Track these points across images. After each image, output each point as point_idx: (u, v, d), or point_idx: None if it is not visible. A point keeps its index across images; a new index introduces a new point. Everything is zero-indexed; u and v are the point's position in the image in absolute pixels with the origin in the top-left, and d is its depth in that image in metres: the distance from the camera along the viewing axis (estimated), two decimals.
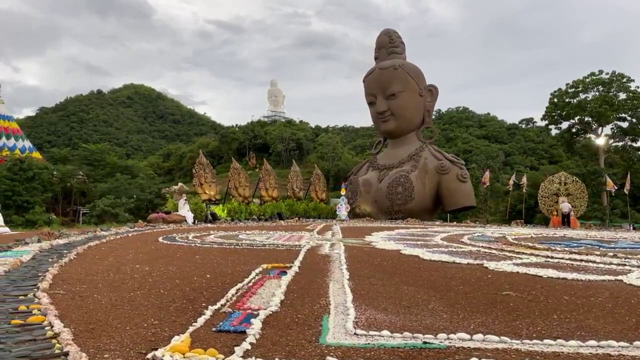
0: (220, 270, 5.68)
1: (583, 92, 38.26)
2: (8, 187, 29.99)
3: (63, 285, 4.54)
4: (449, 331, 3.11)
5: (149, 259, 6.60)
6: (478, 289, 4.78)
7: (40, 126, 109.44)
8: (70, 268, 5.70)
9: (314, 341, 2.87)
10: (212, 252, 7.48)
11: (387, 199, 24.06)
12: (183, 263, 6.25)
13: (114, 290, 4.40)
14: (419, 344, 2.80)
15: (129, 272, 5.45)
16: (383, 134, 27.97)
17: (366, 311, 3.67)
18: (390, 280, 5.27)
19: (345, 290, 4.47)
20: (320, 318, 3.44)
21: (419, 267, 6.34)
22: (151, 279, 5.03)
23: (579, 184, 25.43)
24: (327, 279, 5.16)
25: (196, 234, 10.91)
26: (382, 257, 7.25)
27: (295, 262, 6.23)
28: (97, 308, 3.68)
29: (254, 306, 3.72)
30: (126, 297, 4.10)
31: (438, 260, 6.93)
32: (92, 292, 4.30)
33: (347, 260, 6.51)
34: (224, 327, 3.09)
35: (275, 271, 5.51)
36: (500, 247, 8.94)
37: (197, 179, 21.17)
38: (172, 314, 3.51)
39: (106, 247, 7.97)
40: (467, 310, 3.82)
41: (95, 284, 4.70)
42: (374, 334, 2.97)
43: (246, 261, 6.48)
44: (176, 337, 2.82)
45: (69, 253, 6.79)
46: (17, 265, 5.62)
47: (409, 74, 25.67)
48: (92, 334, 2.99)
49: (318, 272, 5.67)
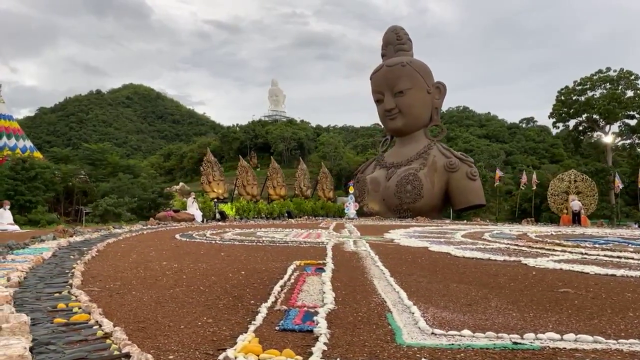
0: (253, 266, 5.44)
1: (591, 89, 38.02)
2: (10, 186, 29.74)
3: (95, 282, 4.30)
4: (526, 330, 2.88)
5: (174, 256, 6.35)
6: (531, 286, 4.54)
7: (40, 126, 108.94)
8: (96, 265, 5.45)
9: (390, 341, 2.63)
10: (236, 249, 7.23)
11: (396, 197, 23.79)
12: (211, 260, 6.00)
13: (150, 287, 4.15)
14: (509, 344, 2.56)
15: (158, 269, 5.20)
16: (391, 132, 27.69)
17: (428, 309, 3.42)
18: (433, 277, 5.03)
19: (394, 287, 4.23)
20: (383, 316, 3.20)
21: (456, 264, 6.10)
22: (185, 275, 4.78)
23: (589, 182, 25.18)
24: (368, 276, 4.92)
25: (213, 232, 10.67)
26: (413, 254, 7.01)
27: (326, 259, 6.00)
28: (140, 306, 3.44)
29: (308, 303, 3.48)
30: (166, 294, 3.85)
31: (471, 257, 6.69)
32: (128, 288, 4.05)
33: (379, 258, 6.28)
34: (287, 326, 2.85)
35: (311, 268, 5.26)
36: (527, 245, 8.70)
37: (205, 177, 20.86)
38: (223, 312, 3.27)
39: (125, 244, 7.72)
40: (534, 309, 3.58)
41: (127, 280, 4.45)
42: (453, 334, 2.73)
43: (275, 258, 6.24)
44: (241, 337, 2.58)
45: (89, 250, 6.55)
46: (40, 262, 5.37)
47: (417, 71, 25.41)
48: (145, 333, 2.74)
49: (354, 269, 5.43)
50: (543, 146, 74.64)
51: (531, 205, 29.31)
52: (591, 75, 38.03)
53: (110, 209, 31.82)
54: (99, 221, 29.30)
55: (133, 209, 33.98)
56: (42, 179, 33.17)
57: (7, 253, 6.06)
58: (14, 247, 6.55)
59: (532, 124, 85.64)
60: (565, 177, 25.56)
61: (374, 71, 26.79)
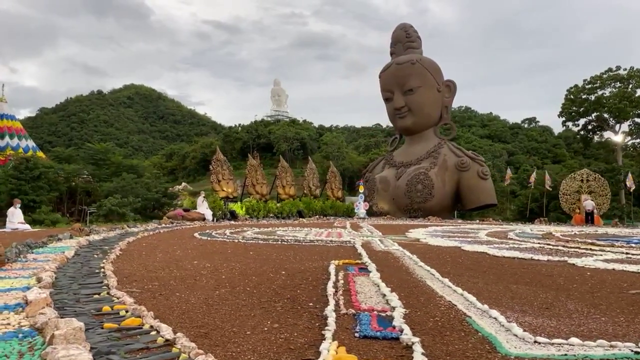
0: (290, 266, 5.13)
1: (600, 88, 37.68)
2: (14, 186, 29.41)
3: (131, 283, 3.98)
4: (630, 337, 2.58)
5: (202, 255, 6.04)
6: (596, 288, 4.23)
7: (41, 127, 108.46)
8: (124, 264, 5.14)
9: (491, 351, 2.32)
10: (264, 248, 6.92)
11: (406, 196, 23.42)
12: (242, 259, 5.68)
13: (192, 288, 3.84)
14: (630, 354, 2.25)
15: (191, 268, 4.89)
16: (400, 131, 27.29)
17: (506, 313, 3.11)
18: (486, 278, 4.72)
19: (454, 289, 3.92)
20: (464, 321, 2.88)
21: (501, 264, 5.79)
22: (223, 275, 4.47)
23: (601, 181, 24.81)
24: (416, 277, 4.62)
25: (231, 231, 10.36)
26: (450, 254, 6.70)
27: (363, 258, 5.69)
28: (191, 308, 3.13)
29: (375, 307, 3.17)
30: (213, 295, 3.54)
31: (512, 256, 6.39)
32: (170, 290, 3.74)
33: (417, 257, 5.97)
34: (367, 332, 2.55)
35: (354, 268, 4.95)
36: (561, 244, 8.39)
37: (215, 176, 20.47)
38: (285, 316, 2.96)
39: (146, 243, 7.41)
40: (619, 312, 3.27)
41: (165, 280, 4.14)
42: (560, 342, 2.41)
43: (308, 257, 5.94)
44: (324, 345, 2.27)
45: (111, 249, 6.24)
46: (65, 261, 5.06)
47: (427, 69, 25.05)
48: (211, 340, 2.44)
49: (397, 269, 5.12)
50: (545, 146, 74.26)
51: (538, 204, 28.89)
52: (601, 74, 37.69)
53: (114, 209, 31.51)
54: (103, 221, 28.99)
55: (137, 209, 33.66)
56: (45, 178, 32.87)
57: (28, 252, 5.75)
58: (33, 245, 6.23)
59: (534, 124, 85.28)
60: (577, 177, 25.18)
61: (383, 69, 26.40)
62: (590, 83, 37.77)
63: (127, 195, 35.26)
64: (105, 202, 32.62)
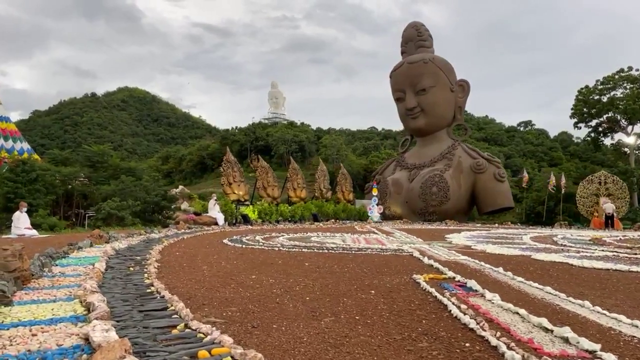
0: (370, 282, 4.33)
1: (612, 89, 37.08)
2: (11, 189, 28.32)
3: (201, 307, 3.14)
4: None
5: (252, 267, 5.20)
6: None
7: (34, 129, 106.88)
8: (172, 279, 4.29)
9: None
10: (315, 258, 6.08)
11: (421, 199, 22.58)
12: (303, 272, 4.85)
13: (283, 315, 3.00)
14: None
15: (255, 285, 4.06)
16: (412, 132, 26.41)
17: None
18: (604, 295, 3.94)
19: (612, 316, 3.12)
20: None
21: (601, 277, 5.00)
22: (307, 297, 3.63)
23: (620, 183, 24.11)
24: (535, 297, 3.81)
25: (261, 236, 9.53)
26: (531, 265, 5.90)
27: (448, 272, 4.84)
28: (310, 351, 2.29)
29: (568, 350, 2.36)
30: (321, 328, 2.71)
31: (605, 268, 5.61)
32: (256, 318, 2.91)
33: (503, 269, 5.15)
34: None
35: (451, 285, 4.13)
36: (633, 251, 7.64)
37: (226, 178, 19.52)
38: (437, 349, 2.13)
39: (179, 252, 6.55)
40: None
41: (239, 304, 3.30)
42: None
43: (377, 270, 5.13)
44: None
45: (145, 260, 5.39)
46: (101, 277, 4.20)
47: (440, 68, 24.28)
48: None
49: (498, 286, 4.27)
50: (542, 149, 74.02)
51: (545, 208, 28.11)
52: (613, 75, 37.08)
53: (113, 212, 30.50)
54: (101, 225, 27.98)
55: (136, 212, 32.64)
56: (42, 181, 31.84)
57: (51, 264, 4.88)
58: (55, 256, 5.36)
59: (530, 127, 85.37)
60: (595, 179, 24.46)
61: (394, 68, 25.58)
62: (602, 84, 37.16)
63: (126, 198, 34.25)
64: (104, 206, 31.59)
